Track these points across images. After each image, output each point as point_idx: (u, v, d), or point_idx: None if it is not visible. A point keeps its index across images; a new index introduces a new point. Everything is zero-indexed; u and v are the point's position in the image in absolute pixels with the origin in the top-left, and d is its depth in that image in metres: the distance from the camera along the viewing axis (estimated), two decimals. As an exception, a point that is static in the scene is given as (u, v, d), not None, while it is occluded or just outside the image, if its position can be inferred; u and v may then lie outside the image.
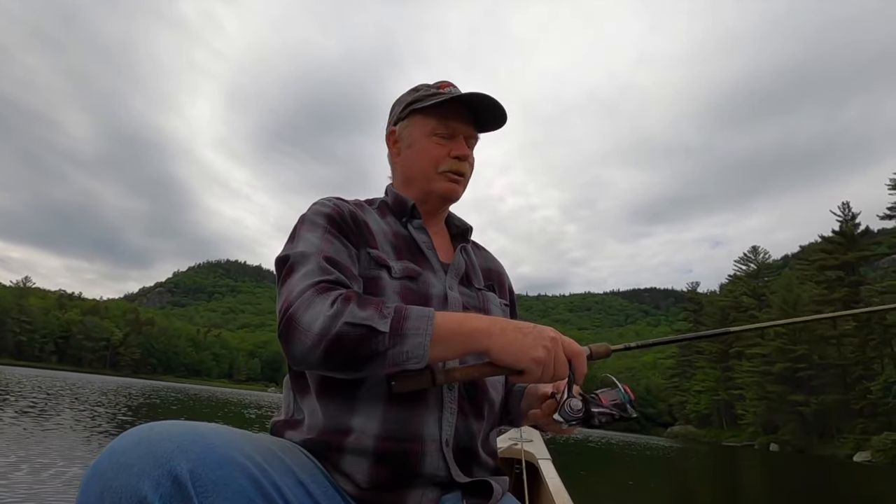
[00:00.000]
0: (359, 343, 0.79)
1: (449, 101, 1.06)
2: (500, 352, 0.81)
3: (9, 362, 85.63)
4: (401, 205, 1.12)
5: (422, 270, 1.03)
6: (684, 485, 11.19)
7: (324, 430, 0.89)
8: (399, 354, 0.80)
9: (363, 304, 0.82)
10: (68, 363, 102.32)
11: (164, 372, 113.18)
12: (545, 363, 0.80)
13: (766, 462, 23.51)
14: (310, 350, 0.81)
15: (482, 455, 1.00)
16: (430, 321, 0.81)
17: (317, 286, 0.85)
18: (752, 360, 56.80)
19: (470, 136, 1.12)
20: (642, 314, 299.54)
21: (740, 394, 59.28)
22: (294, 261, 0.91)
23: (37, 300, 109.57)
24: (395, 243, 1.05)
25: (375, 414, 0.89)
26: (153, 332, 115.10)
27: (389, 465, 0.87)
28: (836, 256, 50.13)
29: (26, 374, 34.22)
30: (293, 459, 0.79)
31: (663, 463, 16.31)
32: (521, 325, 0.83)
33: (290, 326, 0.83)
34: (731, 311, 68.29)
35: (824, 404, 45.08)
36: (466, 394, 0.98)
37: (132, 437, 0.64)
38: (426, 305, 0.95)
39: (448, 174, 1.09)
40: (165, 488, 0.60)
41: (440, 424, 0.92)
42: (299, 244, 0.94)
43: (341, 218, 1.00)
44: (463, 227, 1.20)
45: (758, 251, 73.68)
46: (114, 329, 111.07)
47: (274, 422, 1.00)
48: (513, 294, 1.26)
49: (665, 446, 30.85)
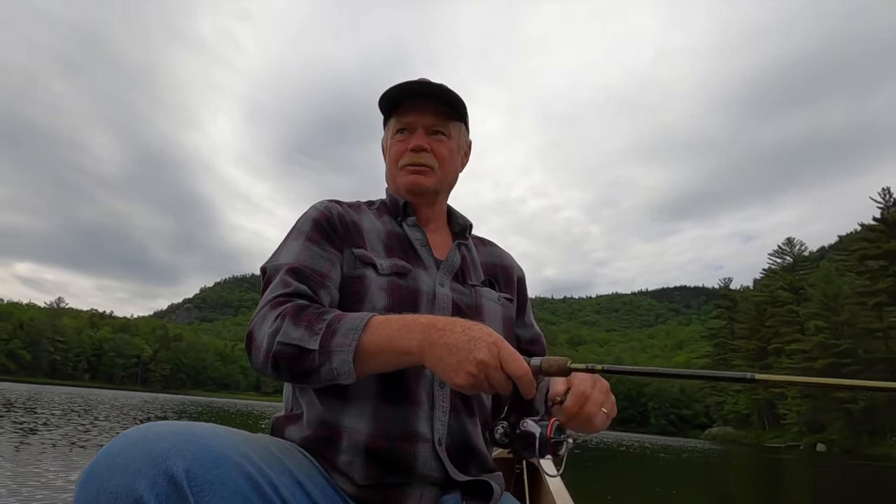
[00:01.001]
0: (293, 361, 0.81)
1: (393, 97, 1.09)
2: (432, 369, 0.78)
3: (44, 381, 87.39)
4: (394, 204, 1.14)
5: (412, 267, 1.03)
6: (724, 489, 10.27)
7: (321, 423, 0.90)
8: (329, 371, 0.80)
9: (298, 320, 0.83)
10: (101, 380, 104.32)
11: (194, 386, 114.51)
12: (472, 386, 0.75)
13: (814, 463, 22.08)
14: (262, 365, 0.85)
15: (479, 452, 0.99)
16: (356, 335, 0.79)
17: (273, 301, 0.88)
18: (792, 356, 54.32)
19: (434, 126, 1.10)
20: (673, 313, 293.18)
21: (781, 392, 56.75)
22: (269, 274, 0.96)
23: (70, 320, 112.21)
24: (387, 241, 1.07)
25: (366, 411, 0.90)
26: (182, 347, 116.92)
27: (383, 463, 0.87)
28: (878, 245, 47.74)
29: (59, 392, 34.96)
30: (291, 459, 0.80)
31: (700, 467, 15.24)
32: (453, 342, 0.75)
33: (249, 341, 0.88)
34: (767, 307, 65.85)
35: (873, 401, 42.57)
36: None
37: (128, 438, 0.64)
38: (415, 302, 0.98)
39: (407, 167, 1.10)
40: (161, 488, 0.59)
41: (432, 423, 0.92)
42: (280, 254, 0.98)
43: (328, 221, 1.02)
44: (463, 223, 1.19)
45: (793, 243, 71.22)
46: (144, 346, 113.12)
47: (275, 419, 1.01)
48: (523, 286, 1.24)
49: (703, 449, 29.34)
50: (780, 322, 63.15)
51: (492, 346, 0.74)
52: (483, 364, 0.73)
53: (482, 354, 0.74)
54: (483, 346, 0.74)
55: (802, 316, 57.14)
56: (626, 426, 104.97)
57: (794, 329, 59.86)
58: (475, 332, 0.76)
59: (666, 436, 79.49)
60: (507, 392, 0.76)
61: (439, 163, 1.11)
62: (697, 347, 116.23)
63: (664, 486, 9.37)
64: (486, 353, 0.74)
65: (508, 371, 0.74)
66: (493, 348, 0.74)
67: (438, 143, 1.10)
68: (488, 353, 0.74)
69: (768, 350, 63.71)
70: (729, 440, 62.67)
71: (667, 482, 10.34)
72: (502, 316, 1.11)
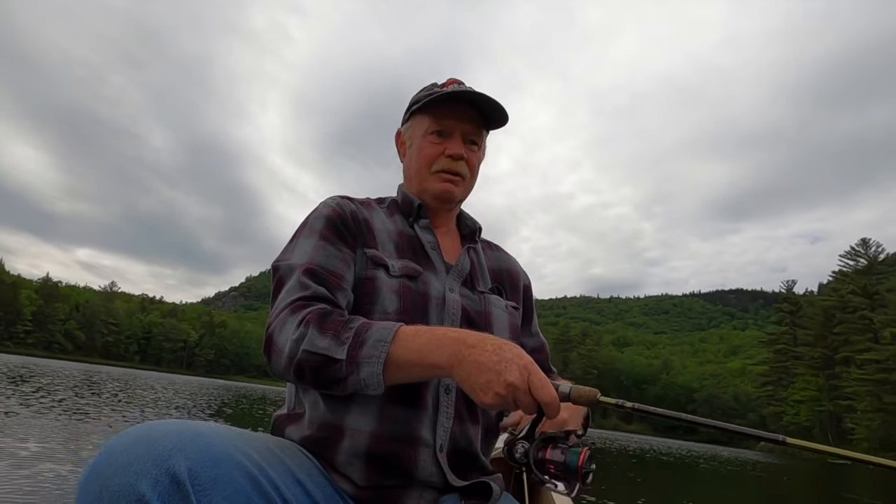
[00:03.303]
0: (318, 370, 0.81)
1: (443, 99, 1.05)
2: (460, 384, 0.78)
3: (98, 361, 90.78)
4: (408, 204, 1.12)
5: (422, 270, 1.02)
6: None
7: (323, 424, 0.90)
8: (357, 382, 0.80)
9: (323, 327, 0.82)
10: (149, 363, 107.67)
11: (237, 372, 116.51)
12: (500, 406, 0.76)
13: (887, 484, 18.93)
14: (284, 370, 0.84)
15: (479, 459, 0.99)
16: (385, 347, 0.79)
17: (293, 305, 0.87)
18: (864, 367, 49.52)
19: (470, 134, 1.09)
20: (727, 317, 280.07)
21: (850, 405, 52.46)
22: (282, 274, 0.95)
23: (122, 304, 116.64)
24: (398, 242, 1.06)
25: (371, 411, 0.89)
26: (226, 333, 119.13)
27: (383, 466, 0.88)
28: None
29: (112, 372, 36.65)
30: (292, 458, 0.80)
31: (749, 481, 13.14)
32: (484, 361, 0.75)
33: (269, 346, 0.87)
34: (835, 312, 60.63)
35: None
36: (464, 396, 0.96)
37: (130, 436, 0.64)
38: (425, 306, 0.98)
39: (441, 174, 1.08)
40: (164, 487, 0.59)
41: (434, 429, 0.92)
42: (293, 253, 0.97)
43: (341, 219, 1.01)
44: (472, 226, 1.18)
45: (868, 244, 64.91)
46: (190, 331, 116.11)
47: (276, 416, 1.00)
48: (529, 294, 1.24)
49: (756, 461, 26.06)
50: (851, 329, 58.08)
51: (522, 369, 0.75)
52: (513, 386, 0.74)
53: (513, 377, 0.74)
54: (514, 368, 0.74)
55: (877, 323, 52.35)
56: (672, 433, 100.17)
57: (867, 337, 54.80)
58: (506, 352, 0.76)
59: (717, 445, 74.93)
60: (531, 413, 0.77)
61: (470, 173, 1.11)
62: (754, 354, 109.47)
63: (692, 495, 8.26)
64: (517, 376, 0.74)
65: (537, 397, 0.74)
66: (523, 372, 0.74)
67: (472, 154, 1.09)
68: (519, 376, 0.74)
69: (836, 359, 58.78)
70: (788, 454, 57.97)
71: (698, 491, 9.28)
72: (509, 324, 1.10)
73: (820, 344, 63.06)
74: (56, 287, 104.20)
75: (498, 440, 1.05)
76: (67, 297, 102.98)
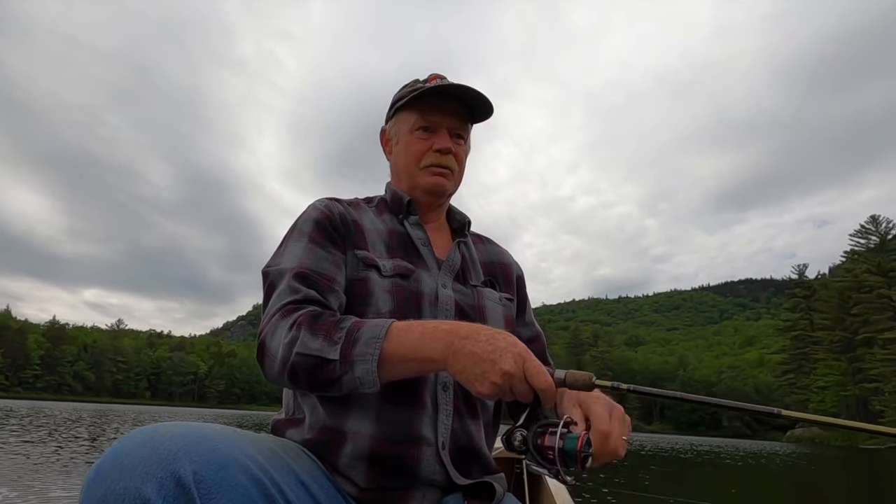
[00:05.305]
0: (312, 372, 0.81)
1: (427, 94, 1.06)
2: (455, 376, 0.79)
3: (108, 400, 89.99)
4: (397, 201, 1.12)
5: (414, 268, 1.02)
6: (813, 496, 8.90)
7: (323, 428, 0.90)
8: (352, 381, 0.80)
9: (315, 329, 0.82)
10: (160, 398, 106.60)
11: (248, 401, 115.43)
12: (496, 395, 0.76)
13: None
14: (278, 375, 0.84)
15: (481, 455, 0.99)
16: (378, 344, 0.79)
17: (283, 309, 0.87)
18: (887, 347, 48.16)
19: (456, 129, 1.10)
20: (739, 308, 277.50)
21: (876, 387, 50.94)
22: (272, 279, 0.94)
23: (129, 341, 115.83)
24: (389, 241, 1.06)
25: (370, 414, 0.90)
26: (235, 363, 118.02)
27: (386, 467, 0.88)
28: None
29: (123, 410, 36.11)
30: (295, 460, 0.80)
31: (778, 473, 12.60)
32: (478, 351, 0.76)
33: (261, 352, 0.87)
34: (851, 293, 59.31)
35: None
36: (461, 392, 0.97)
37: (136, 439, 0.63)
38: (418, 304, 0.98)
39: (431, 168, 1.09)
40: (169, 490, 0.59)
41: (435, 427, 0.92)
42: (282, 257, 0.97)
43: (330, 221, 1.01)
44: (462, 220, 1.18)
45: (878, 221, 63.70)
46: (199, 363, 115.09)
47: (274, 420, 1.00)
48: (522, 285, 1.24)
49: (784, 452, 24.98)
50: (870, 309, 56.80)
51: (517, 357, 0.75)
52: (508, 375, 0.74)
53: (508, 366, 0.74)
54: (509, 357, 0.75)
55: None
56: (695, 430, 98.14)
57: (887, 316, 53.50)
58: (500, 341, 0.76)
59: (741, 438, 73.15)
60: (527, 401, 0.77)
61: (458, 166, 1.12)
62: (770, 343, 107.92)
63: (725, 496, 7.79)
64: (511, 364, 0.74)
65: (532, 383, 0.75)
66: (518, 359, 0.75)
67: (459, 147, 1.10)
68: (514, 364, 0.74)
69: (857, 341, 57.35)
70: (817, 442, 56.32)
71: (720, 486, 9.09)
72: (504, 316, 1.11)
73: (838, 327, 61.64)
74: (63, 329, 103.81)
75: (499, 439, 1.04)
76: (75, 339, 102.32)
